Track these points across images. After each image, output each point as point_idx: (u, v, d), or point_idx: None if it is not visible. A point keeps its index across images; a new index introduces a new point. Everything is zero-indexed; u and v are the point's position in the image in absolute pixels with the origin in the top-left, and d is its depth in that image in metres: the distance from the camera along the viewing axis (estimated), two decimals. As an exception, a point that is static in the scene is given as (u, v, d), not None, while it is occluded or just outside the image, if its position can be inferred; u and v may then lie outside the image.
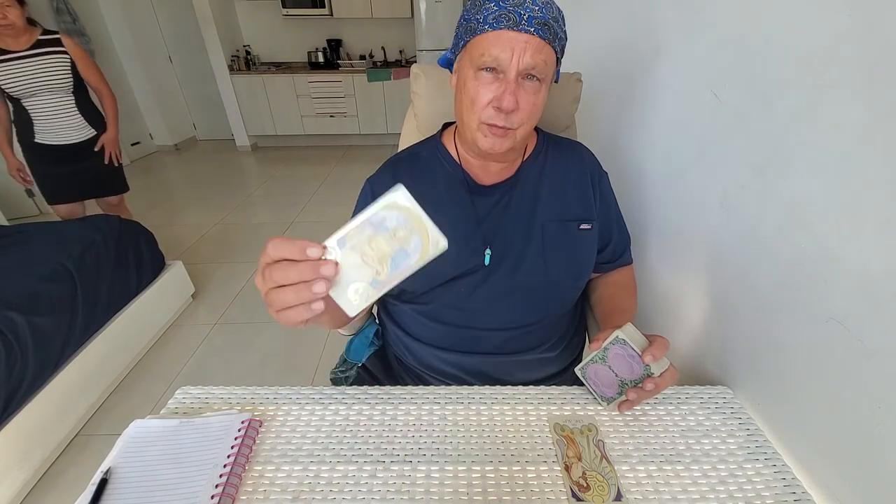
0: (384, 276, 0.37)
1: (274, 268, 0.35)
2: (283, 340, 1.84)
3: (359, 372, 0.82)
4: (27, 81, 1.68)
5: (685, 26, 0.77)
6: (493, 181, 0.70)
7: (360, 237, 0.36)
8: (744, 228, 0.62)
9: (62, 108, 1.80)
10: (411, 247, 0.36)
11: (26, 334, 1.21)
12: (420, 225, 0.36)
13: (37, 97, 1.73)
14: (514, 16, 0.53)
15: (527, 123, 0.60)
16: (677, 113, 0.79)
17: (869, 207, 0.43)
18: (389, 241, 0.36)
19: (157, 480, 0.50)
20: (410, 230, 0.36)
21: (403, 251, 0.36)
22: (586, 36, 1.22)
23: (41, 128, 1.79)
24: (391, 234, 0.36)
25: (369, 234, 0.36)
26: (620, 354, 0.56)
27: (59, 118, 1.80)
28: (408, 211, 0.35)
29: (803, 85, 0.51)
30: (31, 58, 1.67)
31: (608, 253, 0.77)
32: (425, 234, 0.36)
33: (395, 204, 0.35)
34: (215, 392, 0.63)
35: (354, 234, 0.35)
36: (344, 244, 0.36)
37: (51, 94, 1.74)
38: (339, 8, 4.10)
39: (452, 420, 0.59)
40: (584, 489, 0.50)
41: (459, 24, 0.60)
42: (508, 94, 0.55)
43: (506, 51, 0.54)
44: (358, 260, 0.36)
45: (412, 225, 0.36)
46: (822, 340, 0.49)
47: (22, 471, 1.21)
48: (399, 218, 0.35)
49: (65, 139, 1.84)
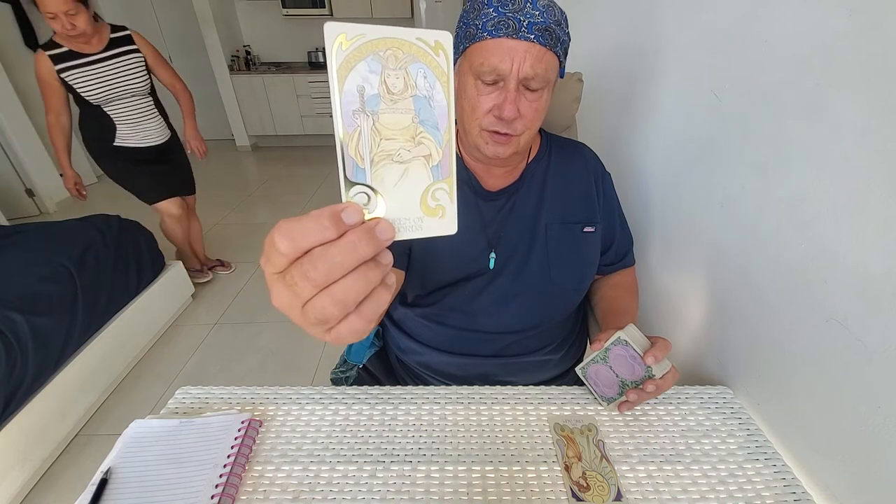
0: (437, 153, 0.25)
1: (305, 264, 0.22)
2: (283, 340, 1.84)
3: (359, 372, 0.82)
4: (107, 88, 1.60)
5: (685, 26, 0.77)
6: (499, 186, 0.69)
7: (365, 141, 0.23)
8: (744, 228, 0.62)
9: (143, 111, 1.74)
10: (421, 84, 0.24)
11: (26, 334, 1.21)
12: (400, 45, 0.23)
13: (116, 103, 1.66)
14: (513, 22, 0.52)
15: (530, 129, 0.59)
16: (677, 113, 0.79)
17: (869, 207, 0.43)
18: (394, 106, 0.23)
19: (157, 480, 0.50)
20: (399, 65, 0.23)
21: (420, 99, 0.24)
22: (587, 36, 1.22)
23: (124, 132, 1.72)
24: (387, 98, 0.23)
25: (368, 125, 0.23)
26: (622, 355, 0.56)
27: (142, 122, 1.74)
28: (369, 46, 0.22)
29: (803, 85, 0.51)
30: (107, 61, 1.59)
31: (611, 255, 0.77)
32: (417, 50, 0.23)
33: (347, 55, 0.22)
34: (215, 392, 0.63)
35: (357, 146, 0.23)
36: (362, 171, 0.23)
37: (132, 98, 1.68)
38: (339, 8, 4.09)
39: (452, 420, 0.59)
40: (584, 489, 0.50)
41: (459, 26, 0.59)
42: (509, 103, 0.54)
43: (505, 60, 0.53)
44: (395, 168, 0.24)
45: (393, 57, 0.23)
46: (822, 340, 0.49)
47: (22, 471, 1.21)
48: (372, 66, 0.22)
49: (148, 141, 1.79)
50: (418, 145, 0.24)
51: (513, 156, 0.62)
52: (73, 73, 1.55)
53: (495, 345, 0.71)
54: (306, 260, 0.22)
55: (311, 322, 0.24)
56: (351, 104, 0.22)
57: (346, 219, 0.22)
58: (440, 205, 0.25)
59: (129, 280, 1.68)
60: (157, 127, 1.80)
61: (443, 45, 0.23)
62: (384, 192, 0.24)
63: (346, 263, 0.22)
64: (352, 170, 0.23)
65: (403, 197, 0.24)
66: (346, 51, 0.22)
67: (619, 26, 1.07)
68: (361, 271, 0.23)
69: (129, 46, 1.66)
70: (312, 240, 0.22)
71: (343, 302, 0.23)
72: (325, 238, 0.22)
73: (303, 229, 0.22)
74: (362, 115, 0.23)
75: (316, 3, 4.05)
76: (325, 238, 0.22)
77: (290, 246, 0.22)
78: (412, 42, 0.23)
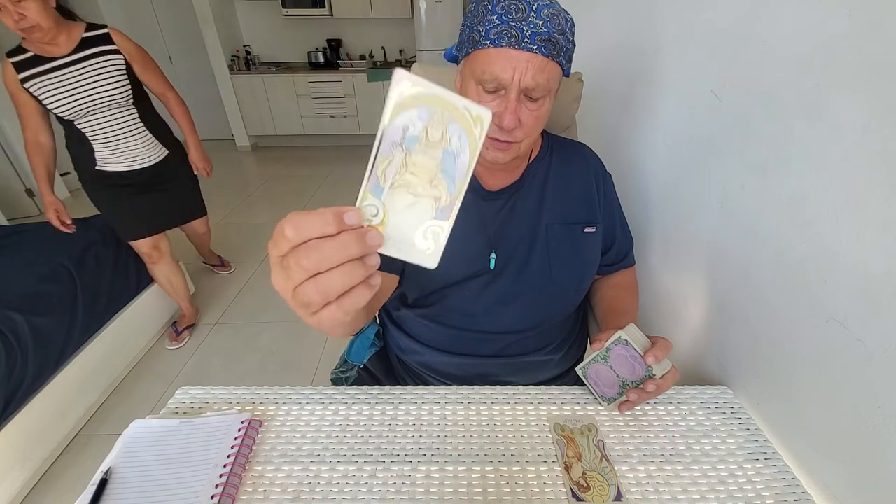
0: (446, 198, 0.28)
1: (300, 252, 0.25)
2: (283, 340, 1.84)
3: (359, 373, 0.82)
4: (76, 98, 1.29)
5: (685, 26, 0.77)
6: (499, 186, 0.69)
7: (393, 168, 0.27)
8: (744, 228, 0.62)
9: (125, 125, 1.42)
10: (454, 142, 0.28)
11: (26, 334, 1.21)
12: (448, 107, 0.27)
13: (91, 116, 1.35)
14: (516, 32, 0.51)
15: (530, 136, 0.59)
16: (677, 113, 0.79)
17: (869, 207, 0.43)
18: (427, 150, 0.27)
19: (157, 480, 0.50)
20: (442, 121, 0.27)
21: (449, 153, 0.28)
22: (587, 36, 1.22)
23: (104, 153, 1.42)
24: (424, 142, 0.27)
25: (401, 157, 0.27)
26: (622, 355, 0.56)
27: (123, 139, 1.42)
28: (425, 98, 0.27)
29: (803, 85, 0.51)
30: (76, 65, 1.28)
31: (612, 255, 0.77)
32: (460, 115, 0.27)
33: (405, 99, 0.26)
34: (215, 392, 0.63)
35: (385, 169, 0.27)
36: (381, 189, 0.27)
37: (109, 110, 1.37)
38: (339, 8, 4.09)
39: (452, 420, 0.59)
40: (584, 489, 0.50)
41: (463, 29, 0.59)
42: (509, 113, 0.54)
43: (507, 70, 0.53)
44: (408, 198, 0.28)
45: (440, 113, 0.27)
46: (822, 340, 0.49)
47: (22, 471, 1.21)
48: (421, 114, 0.27)
49: (134, 164, 1.47)
50: (434, 187, 0.28)
51: (513, 160, 0.63)
52: (36, 81, 1.26)
53: (495, 345, 0.71)
54: (302, 248, 0.25)
55: (298, 305, 0.27)
56: (394, 136, 0.27)
57: (347, 220, 0.26)
58: (431, 241, 0.29)
59: (129, 280, 1.68)
60: (145, 146, 1.48)
61: (482, 119, 0.27)
62: (390, 212, 0.28)
63: (335, 258, 0.25)
64: (373, 186, 0.27)
65: (404, 222, 0.28)
66: (406, 95, 0.26)
67: (619, 26, 1.07)
68: (347, 268, 0.26)
69: (104, 47, 1.33)
70: (314, 231, 0.25)
71: (325, 292, 0.26)
72: (324, 232, 0.25)
73: (308, 221, 0.25)
74: (399, 147, 0.27)
75: (316, 3, 4.04)
76: (324, 232, 0.25)
77: (295, 234, 0.25)
78: (459, 108, 0.27)
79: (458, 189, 0.28)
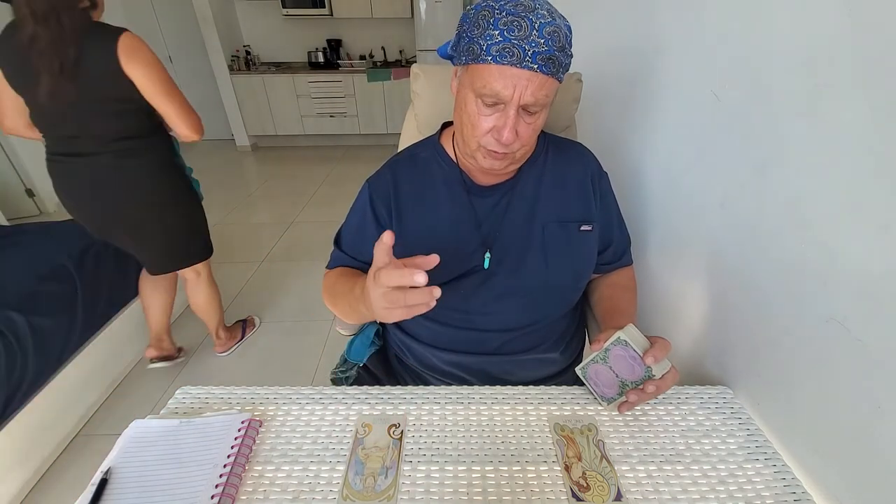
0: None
1: (389, 295, 0.47)
2: (283, 340, 1.84)
3: (359, 372, 0.82)
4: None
5: (685, 26, 0.77)
6: (491, 182, 0.70)
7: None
8: (743, 228, 0.62)
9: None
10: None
11: (26, 334, 1.21)
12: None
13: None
14: (518, 51, 0.51)
15: (527, 146, 0.61)
16: (677, 113, 0.79)
17: (869, 207, 0.43)
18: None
19: (157, 480, 0.50)
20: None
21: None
22: (587, 37, 1.22)
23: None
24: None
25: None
26: (622, 355, 0.56)
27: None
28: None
29: (803, 85, 0.51)
30: None
31: (609, 254, 0.77)
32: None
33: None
34: (215, 392, 0.63)
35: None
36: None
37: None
38: (339, 8, 4.09)
39: (452, 420, 0.59)
40: (584, 489, 0.50)
41: (462, 35, 0.57)
42: (508, 129, 0.55)
43: (507, 87, 0.53)
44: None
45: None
46: (822, 340, 0.49)
47: (22, 471, 1.21)
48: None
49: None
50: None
51: (508, 165, 0.64)
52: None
53: (493, 342, 0.71)
54: (389, 292, 0.47)
55: (381, 305, 0.48)
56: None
57: (417, 279, 0.44)
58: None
59: (129, 280, 1.67)
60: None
61: None
62: None
63: (410, 302, 0.47)
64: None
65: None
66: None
67: (618, 26, 1.07)
68: (412, 309, 0.48)
69: None
70: (396, 282, 0.45)
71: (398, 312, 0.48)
72: (403, 285, 0.45)
73: (394, 276, 0.45)
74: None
75: (316, 3, 4.05)
76: (403, 285, 0.45)
77: (385, 281, 0.46)
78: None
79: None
